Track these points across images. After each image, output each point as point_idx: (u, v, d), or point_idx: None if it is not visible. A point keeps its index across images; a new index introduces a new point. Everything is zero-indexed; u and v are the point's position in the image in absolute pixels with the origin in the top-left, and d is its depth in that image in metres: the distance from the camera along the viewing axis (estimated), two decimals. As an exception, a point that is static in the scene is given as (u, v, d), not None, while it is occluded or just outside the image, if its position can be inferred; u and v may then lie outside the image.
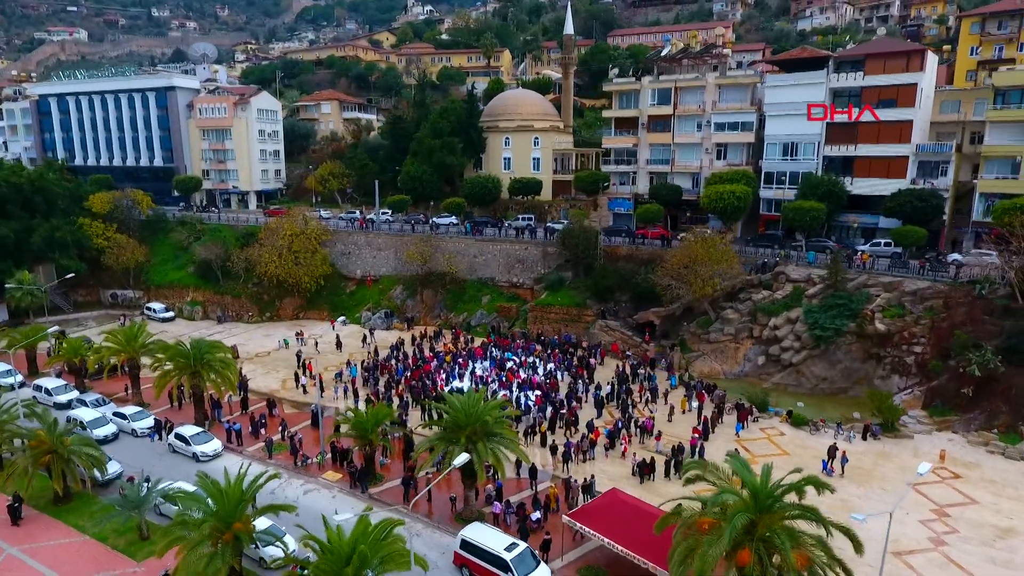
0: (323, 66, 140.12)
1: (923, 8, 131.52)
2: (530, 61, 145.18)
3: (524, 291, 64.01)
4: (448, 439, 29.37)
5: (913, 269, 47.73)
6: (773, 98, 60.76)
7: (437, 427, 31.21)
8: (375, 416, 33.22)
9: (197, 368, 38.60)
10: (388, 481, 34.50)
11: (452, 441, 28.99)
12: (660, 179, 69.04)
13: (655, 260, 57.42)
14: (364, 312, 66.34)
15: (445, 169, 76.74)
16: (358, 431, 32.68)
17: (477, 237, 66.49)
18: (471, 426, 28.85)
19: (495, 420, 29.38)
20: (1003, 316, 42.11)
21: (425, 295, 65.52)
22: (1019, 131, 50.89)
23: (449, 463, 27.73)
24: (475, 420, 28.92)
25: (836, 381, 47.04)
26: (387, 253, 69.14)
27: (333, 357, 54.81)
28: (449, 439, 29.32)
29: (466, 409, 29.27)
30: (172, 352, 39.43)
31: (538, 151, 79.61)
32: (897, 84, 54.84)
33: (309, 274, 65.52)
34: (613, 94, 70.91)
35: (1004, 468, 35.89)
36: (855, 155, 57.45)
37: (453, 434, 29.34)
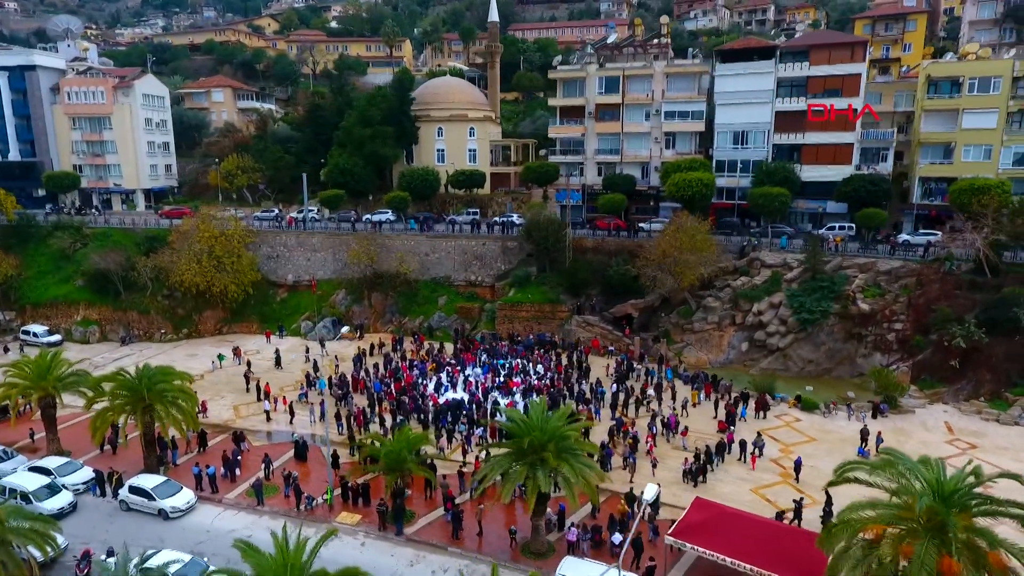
0: (200, 52, 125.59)
1: (796, 13, 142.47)
2: (430, 52, 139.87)
3: (483, 290, 59.83)
4: (514, 460, 25.06)
5: (883, 250, 49.57)
6: (723, 87, 61.30)
7: (497, 448, 26.69)
8: (407, 442, 27.95)
9: (150, 402, 30.82)
10: (420, 517, 29.38)
11: (522, 463, 24.73)
12: (609, 169, 67.69)
13: (623, 251, 55.86)
14: (303, 322, 58.83)
15: (378, 161, 70.38)
16: (390, 461, 27.27)
17: (428, 233, 61.27)
18: (544, 443, 24.71)
19: (570, 435, 25.41)
20: (971, 290, 44.61)
21: (374, 299, 59.26)
22: (951, 119, 54.77)
23: (512, 488, 23.72)
24: (549, 436, 24.82)
25: (821, 363, 47.76)
26: (324, 255, 61.88)
27: (285, 376, 47.53)
28: (516, 460, 25.02)
29: (537, 424, 25.09)
30: (118, 384, 31.22)
31: (474, 142, 75.44)
32: (842, 74, 57.15)
33: (236, 281, 56.83)
34: (557, 82, 68.51)
35: (1006, 434, 37.61)
36: (803, 143, 59.30)
37: (520, 455, 25.07)
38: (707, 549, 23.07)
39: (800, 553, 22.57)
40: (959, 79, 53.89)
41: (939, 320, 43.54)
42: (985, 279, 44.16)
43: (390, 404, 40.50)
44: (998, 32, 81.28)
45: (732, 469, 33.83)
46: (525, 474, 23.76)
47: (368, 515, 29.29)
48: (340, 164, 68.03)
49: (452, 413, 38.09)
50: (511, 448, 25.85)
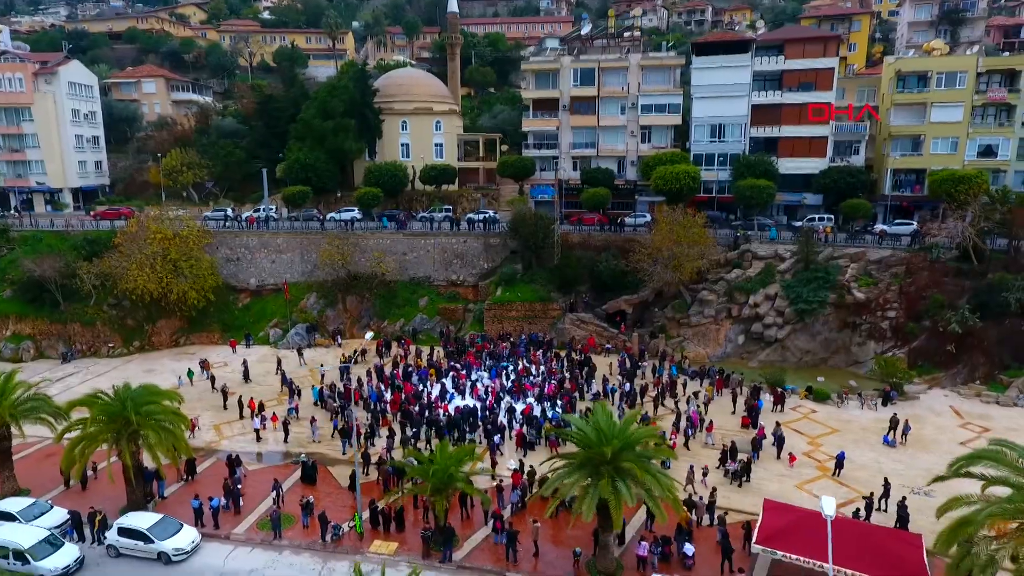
0: (121, 40, 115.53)
1: (735, 15, 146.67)
2: (373, 46, 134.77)
3: (466, 289, 57.06)
4: (585, 472, 22.81)
5: (871, 240, 50.41)
6: (700, 80, 61.11)
7: (562, 459, 24.32)
8: (458, 458, 25.10)
9: (137, 427, 26.49)
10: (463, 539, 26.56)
11: (594, 474, 22.51)
12: (584, 164, 66.34)
13: (610, 246, 54.58)
14: (271, 329, 54.14)
15: (340, 155, 66.15)
16: (438, 480, 24.35)
17: (405, 232, 57.85)
18: (618, 452, 22.58)
19: (646, 441, 23.40)
20: (957, 276, 45.87)
21: (348, 302, 55.29)
22: (919, 112, 56.66)
23: (585, 502, 21.57)
24: (624, 443, 22.72)
25: (818, 352, 48.01)
26: (290, 256, 57.28)
27: (262, 390, 43.15)
28: (586, 472, 22.78)
29: (611, 431, 22.93)
30: (99, 408, 26.65)
31: (440, 136, 72.35)
32: (816, 68, 58.06)
33: (196, 287, 51.50)
34: (529, 74, 66.46)
35: (1010, 415, 38.52)
36: (779, 136, 59.91)
37: (590, 466, 22.84)
38: (801, 556, 21.62)
39: (896, 552, 21.53)
40: (927, 74, 55.79)
41: (932, 307, 44.50)
42: (971, 266, 45.50)
43: (394, 416, 37.26)
44: (934, 33, 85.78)
45: (769, 466, 32.83)
46: (608, 488, 21.45)
47: (405, 541, 26.23)
48: (300, 159, 63.39)
49: (468, 422, 35.35)
50: (580, 459, 23.57)
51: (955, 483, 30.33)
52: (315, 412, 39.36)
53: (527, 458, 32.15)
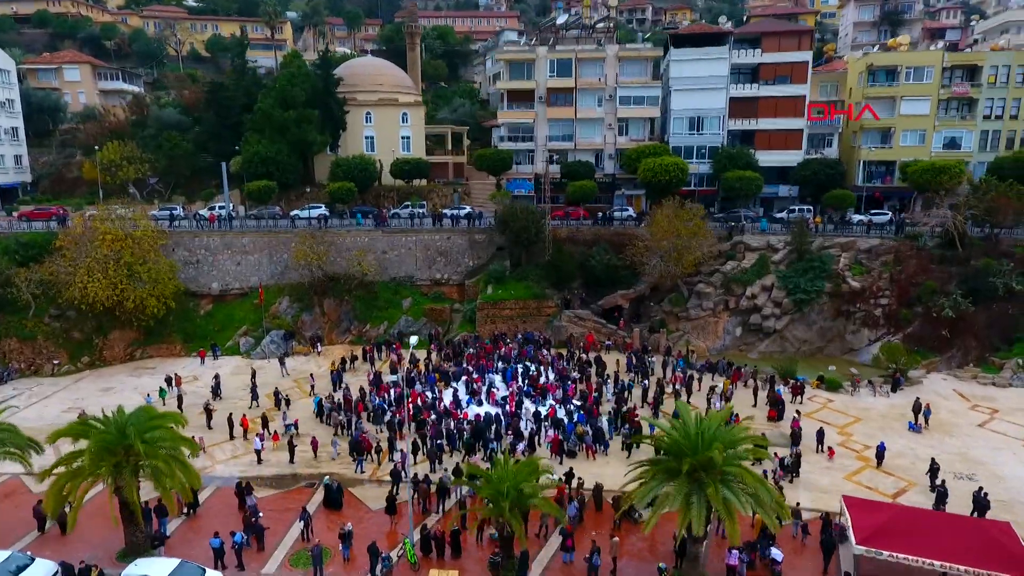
0: (30, 24, 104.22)
1: (675, 14, 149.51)
2: (312, 36, 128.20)
3: (451, 289, 54.26)
4: (682, 481, 20.95)
5: (859, 230, 51.27)
6: (679, 72, 60.73)
7: (648, 466, 22.31)
8: (527, 472, 22.60)
9: (144, 457, 22.47)
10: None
11: (690, 483, 20.70)
12: (561, 157, 64.73)
13: (600, 240, 53.17)
14: (241, 338, 49.41)
15: (303, 148, 61.53)
16: (507, 498, 21.77)
17: (384, 229, 54.29)
18: (710, 458, 20.86)
19: (743, 445, 21.75)
20: (942, 263, 47.27)
21: (326, 306, 51.22)
22: (889, 106, 58.42)
23: (692, 513, 19.83)
24: (726, 447, 21.02)
25: (814, 341, 48.37)
26: (257, 257, 52.55)
27: (244, 405, 38.90)
28: (683, 481, 20.93)
29: (701, 435, 21.16)
30: (96, 438, 22.36)
31: (407, 128, 68.81)
32: (791, 61, 58.85)
33: (155, 293, 46.14)
34: (504, 64, 64.11)
35: (1011, 395, 39.71)
36: (756, 129, 60.38)
37: (676, 473, 21.02)
38: (912, 555, 20.58)
39: (999, 543, 20.86)
40: (897, 69, 57.59)
41: (924, 293, 45.61)
42: (955, 253, 46.93)
43: (409, 427, 34.16)
44: (877, 33, 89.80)
45: (809, 458, 31.96)
46: (718, 497, 19.62)
47: (465, 569, 23.51)
48: (260, 152, 58.40)
49: (493, 430, 32.80)
50: (666, 465, 21.68)
51: (994, 467, 31.21)
52: (315, 427, 35.81)
53: (564, 465, 30.09)
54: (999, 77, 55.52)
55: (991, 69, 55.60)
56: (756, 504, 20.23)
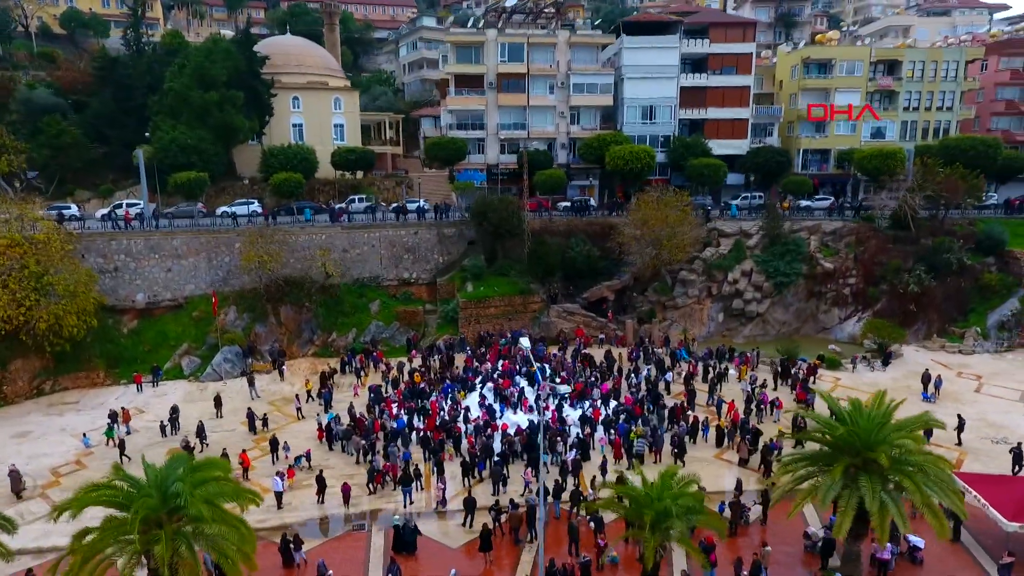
0: None
1: (571, 11, 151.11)
2: (183, 16, 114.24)
3: (420, 288, 49.65)
4: (849, 479, 19.23)
5: (819, 214, 53.37)
6: (631, 60, 60.14)
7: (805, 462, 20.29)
8: (680, 484, 19.68)
9: (200, 519, 16.82)
10: None
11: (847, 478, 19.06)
12: (513, 146, 61.84)
13: (575, 232, 51.11)
14: (183, 358, 41.57)
15: (229, 135, 53.48)
16: (656, 518, 18.72)
17: (343, 224, 48.35)
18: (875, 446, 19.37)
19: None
20: (896, 243, 50.39)
21: (283, 314, 44.55)
22: (824, 97, 61.80)
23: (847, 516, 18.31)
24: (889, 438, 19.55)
25: (791, 323, 49.74)
26: (193, 261, 44.56)
27: (218, 437, 32.34)
28: (845, 477, 19.22)
29: (867, 422, 19.59)
30: (140, 500, 16.25)
31: (341, 115, 62.44)
32: (736, 53, 60.37)
33: (74, 309, 37.22)
34: (451, 46, 59.88)
35: (981, 361, 42.89)
36: (705, 118, 61.37)
37: (842, 469, 19.32)
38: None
39: None
40: (831, 62, 61.00)
41: (889, 271, 48.34)
42: (907, 233, 50.21)
43: (439, 445, 29.80)
44: (772, 34, 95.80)
45: (858, 438, 32.06)
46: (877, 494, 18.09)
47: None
48: (179, 139, 49.77)
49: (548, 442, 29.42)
50: (825, 460, 19.88)
51: (1015, 428, 32.95)
52: (326, 456, 30.37)
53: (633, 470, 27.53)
54: (916, 72, 60.62)
55: (909, 64, 60.60)
56: (922, 503, 18.74)
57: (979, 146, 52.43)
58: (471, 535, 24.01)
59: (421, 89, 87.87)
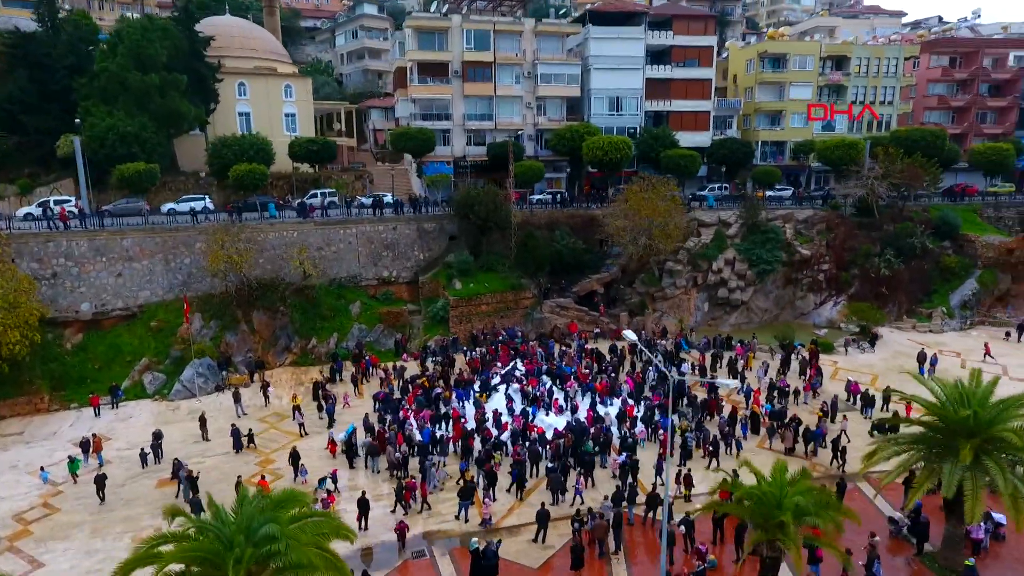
0: None
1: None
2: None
3: (400, 288, 46.55)
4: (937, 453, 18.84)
5: (789, 204, 54.66)
6: (598, 51, 59.38)
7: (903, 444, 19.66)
8: (783, 477, 18.45)
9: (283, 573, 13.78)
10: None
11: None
12: (479, 138, 59.56)
13: (556, 224, 49.68)
14: (144, 374, 36.46)
15: (174, 123, 47.89)
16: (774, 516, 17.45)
17: (317, 220, 44.32)
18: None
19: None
20: (861, 229, 52.50)
21: (256, 321, 40.14)
22: (778, 91, 63.72)
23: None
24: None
25: (772, 310, 50.63)
26: (148, 264, 39.29)
27: (213, 463, 28.38)
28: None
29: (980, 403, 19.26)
30: (236, 556, 12.92)
31: (292, 104, 57.68)
32: (699, 45, 61.04)
33: (15, 323, 31.48)
34: (412, 32, 56.60)
35: (952, 339, 45.17)
36: (670, 110, 61.67)
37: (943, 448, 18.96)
38: None
39: None
40: (786, 56, 62.93)
41: (860, 256, 50.20)
42: (871, 220, 52.45)
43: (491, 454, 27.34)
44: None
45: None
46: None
47: (724, 615, 18.73)
48: (118, 127, 43.83)
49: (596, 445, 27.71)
50: (929, 441, 19.41)
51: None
52: (352, 474, 27.17)
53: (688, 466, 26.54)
54: (862, 68, 63.70)
55: (856, 60, 63.58)
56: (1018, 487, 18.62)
57: (928, 137, 55.60)
58: (546, 551, 21.93)
59: (364, 80, 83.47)
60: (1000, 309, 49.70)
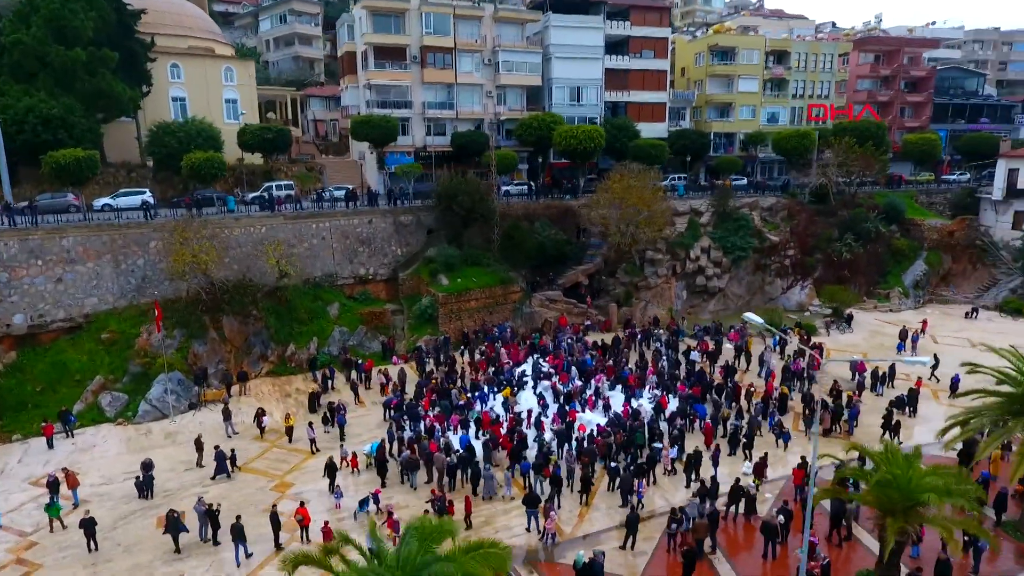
0: None
1: None
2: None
3: (378, 286, 43.31)
4: None
5: (752, 192, 56.00)
6: (559, 39, 58.21)
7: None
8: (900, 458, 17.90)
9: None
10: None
11: None
12: (439, 127, 56.80)
13: (532, 216, 48.12)
14: (101, 395, 31.30)
15: (104, 106, 41.86)
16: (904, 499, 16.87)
17: (286, 214, 40.15)
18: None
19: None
20: (818, 215, 54.69)
21: (226, 327, 35.63)
22: (727, 83, 65.38)
23: None
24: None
25: (744, 296, 51.62)
26: (93, 267, 33.88)
27: (222, 491, 24.66)
28: None
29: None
30: None
31: (234, 89, 52.35)
32: (655, 36, 61.39)
33: (-57, 343, 25.75)
34: (367, 13, 52.81)
35: (912, 316, 47.76)
36: (628, 101, 61.64)
37: None
38: None
39: None
40: (734, 49, 64.58)
41: (822, 241, 52.22)
42: (827, 206, 54.75)
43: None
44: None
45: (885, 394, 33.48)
46: None
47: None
48: (40, 108, 37.61)
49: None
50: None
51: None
52: (392, 492, 24.28)
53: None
54: (800, 63, 66.61)
55: (795, 55, 66.37)
56: None
57: (872, 128, 58.86)
58: (639, 558, 20.33)
59: (296, 67, 77.82)
60: (944, 288, 53.40)
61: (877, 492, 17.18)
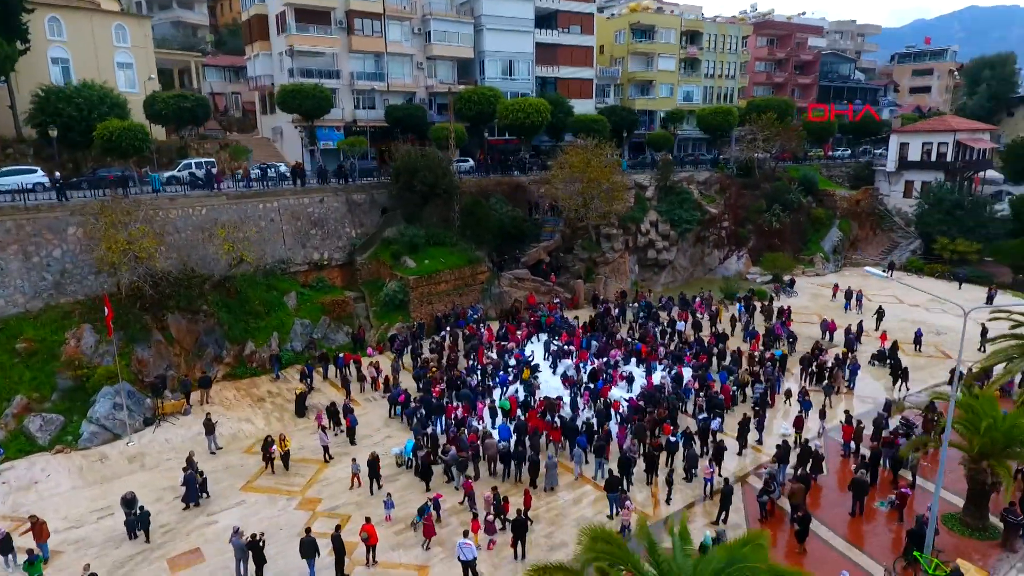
0: None
1: None
2: None
3: (334, 272, 39.24)
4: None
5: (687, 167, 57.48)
6: (491, 10, 55.93)
7: None
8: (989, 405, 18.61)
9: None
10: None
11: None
12: (368, 100, 52.59)
13: (486, 192, 46.10)
14: (27, 418, 25.28)
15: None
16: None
17: (229, 193, 34.85)
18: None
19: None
20: (745, 188, 57.54)
21: (173, 327, 30.31)
22: (646, 62, 66.64)
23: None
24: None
25: (689, 267, 53.14)
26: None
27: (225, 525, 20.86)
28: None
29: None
30: None
31: (127, 51, 44.70)
32: (581, 12, 60.91)
33: None
34: (286, -31, 47.17)
35: (837, 278, 51.55)
36: (558, 76, 60.84)
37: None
38: None
39: None
40: (654, 28, 65.81)
41: (753, 212, 54.96)
42: (752, 180, 57.71)
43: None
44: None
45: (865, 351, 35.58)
46: None
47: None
48: None
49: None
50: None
51: (932, 322, 40.11)
52: (412, 495, 21.64)
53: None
54: (711, 44, 69.44)
55: (707, 36, 69.04)
56: None
57: (782, 106, 62.69)
58: (738, 531, 19.55)
59: (177, 34, 68.47)
60: (854, 252, 58.41)
61: (982, 437, 17.60)
